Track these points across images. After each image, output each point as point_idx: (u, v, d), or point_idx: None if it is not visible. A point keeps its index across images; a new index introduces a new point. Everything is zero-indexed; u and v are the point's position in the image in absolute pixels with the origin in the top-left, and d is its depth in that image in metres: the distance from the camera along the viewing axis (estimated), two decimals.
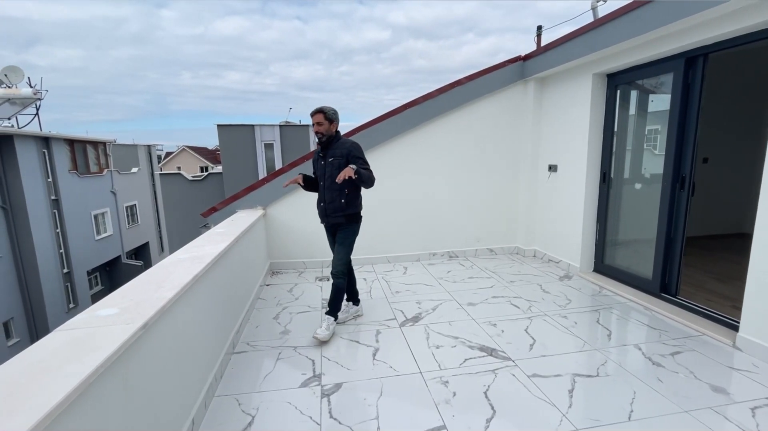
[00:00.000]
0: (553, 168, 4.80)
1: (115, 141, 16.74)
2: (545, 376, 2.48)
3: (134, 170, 18.09)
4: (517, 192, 5.29)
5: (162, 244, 20.17)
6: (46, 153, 12.18)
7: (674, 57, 3.29)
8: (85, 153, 14.42)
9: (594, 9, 4.68)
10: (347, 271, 3.18)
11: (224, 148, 18.50)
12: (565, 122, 4.53)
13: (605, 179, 4.19)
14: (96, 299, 14.01)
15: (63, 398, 1.08)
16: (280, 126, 18.81)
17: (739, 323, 2.78)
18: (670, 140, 3.37)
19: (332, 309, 3.12)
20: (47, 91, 12.94)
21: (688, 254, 3.72)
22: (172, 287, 1.93)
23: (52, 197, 12.30)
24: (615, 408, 2.16)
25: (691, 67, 3.21)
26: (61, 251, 12.58)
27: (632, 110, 4.00)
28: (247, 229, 3.61)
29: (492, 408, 2.18)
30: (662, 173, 3.47)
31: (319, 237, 4.53)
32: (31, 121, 12.80)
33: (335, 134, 3.09)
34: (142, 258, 18.00)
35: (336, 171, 3.00)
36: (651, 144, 3.85)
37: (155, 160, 20.08)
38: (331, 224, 3.19)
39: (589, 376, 2.48)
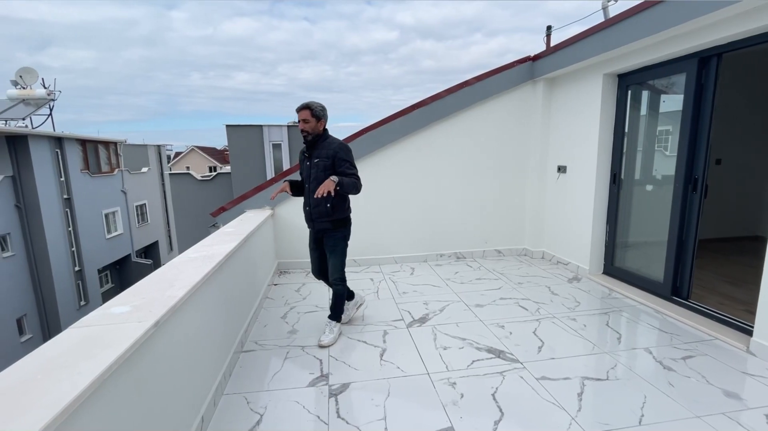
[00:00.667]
0: (562, 169, 4.76)
1: (126, 141, 16.96)
2: (554, 379, 2.46)
3: (144, 169, 18.32)
4: (526, 193, 5.26)
5: (171, 243, 20.39)
6: (59, 153, 12.39)
7: (687, 57, 3.25)
8: (97, 153, 14.64)
9: (605, 9, 4.63)
10: (344, 276, 3.04)
11: (233, 148, 18.65)
12: (575, 123, 4.49)
13: (615, 181, 4.15)
14: (106, 297, 14.22)
15: (77, 395, 1.09)
16: (288, 126, 18.90)
17: (752, 327, 2.74)
18: (683, 141, 3.32)
19: (335, 314, 3.09)
20: (60, 92, 13.20)
21: (701, 257, 3.66)
22: (183, 286, 1.96)
23: (65, 196, 12.50)
24: (625, 412, 2.13)
25: (705, 68, 3.16)
26: (73, 249, 12.78)
27: (643, 110, 3.95)
28: (255, 229, 3.63)
29: (500, 411, 2.17)
30: (674, 175, 3.42)
31: None
32: (45, 121, 13.06)
33: (323, 132, 2.88)
34: (151, 257, 18.22)
35: (321, 173, 2.81)
36: (662, 145, 3.80)
37: (165, 160, 20.32)
38: (317, 230, 2.98)
39: (598, 379, 2.45)
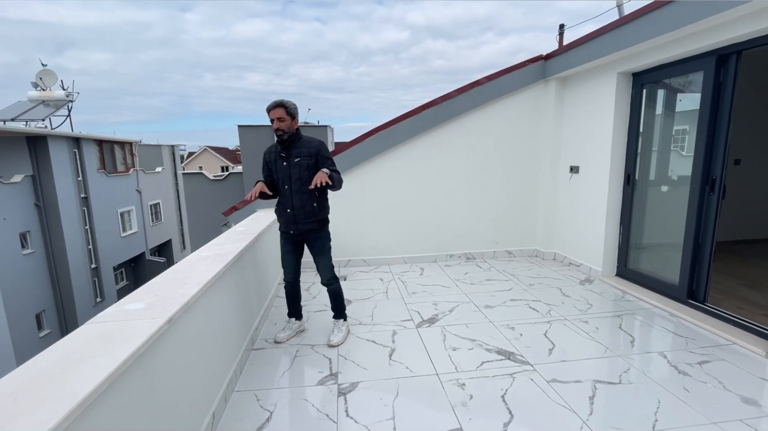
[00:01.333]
0: (574, 169, 4.70)
1: (141, 141, 17.31)
2: (565, 382, 2.43)
3: (158, 169, 18.66)
4: (537, 194, 5.20)
5: (184, 241, 20.72)
6: (77, 153, 12.69)
7: (705, 55, 3.17)
8: (113, 153, 14.96)
9: (619, 6, 4.55)
10: (335, 273, 3.04)
11: (245, 148, 18.80)
12: (588, 122, 4.42)
13: (629, 181, 4.08)
14: (121, 294, 14.51)
15: (93, 389, 1.12)
16: (299, 126, 19.01)
17: None
18: (700, 141, 3.25)
19: (340, 313, 3.11)
20: (78, 93, 13.55)
21: (718, 260, 3.57)
22: (196, 283, 1.99)
23: (82, 195, 12.81)
24: (638, 417, 2.10)
25: (723, 65, 3.09)
26: (89, 247, 13.08)
27: (659, 109, 3.88)
28: (266, 228, 3.67)
29: (510, 413, 2.15)
30: (690, 175, 3.35)
31: (337, 236, 4.57)
32: (64, 122, 13.43)
33: (296, 131, 2.81)
34: (164, 255, 18.55)
35: (305, 172, 2.74)
36: (678, 145, 3.72)
37: (178, 160, 20.67)
38: (301, 232, 2.86)
39: (610, 383, 2.41)
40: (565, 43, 4.96)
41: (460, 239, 5.19)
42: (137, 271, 16.70)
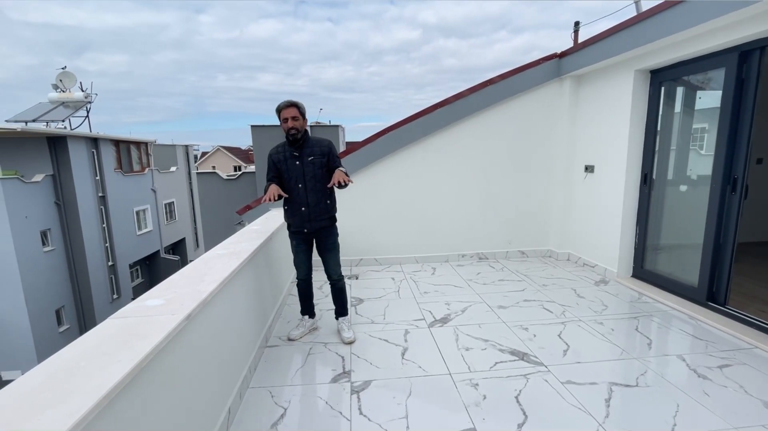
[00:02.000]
0: (589, 169, 4.63)
1: (156, 142, 17.62)
2: (580, 383, 2.40)
3: (173, 169, 18.98)
4: (551, 193, 5.14)
5: (197, 240, 21.06)
6: (95, 153, 13.01)
7: (726, 51, 3.09)
8: (129, 153, 15.28)
9: (637, 2, 4.46)
10: (341, 274, 3.14)
11: (257, 148, 19.02)
12: (604, 121, 4.35)
13: (646, 181, 4.00)
14: (137, 291, 14.82)
15: (118, 381, 1.15)
16: (311, 126, 19.16)
17: None
18: (721, 140, 3.17)
19: (345, 309, 3.18)
20: (96, 94, 13.88)
21: (739, 262, 3.48)
22: (212, 281, 2.02)
23: (100, 194, 13.12)
24: (656, 421, 2.06)
25: (746, 62, 3.00)
26: (106, 245, 13.39)
27: (677, 107, 3.79)
28: (280, 227, 3.70)
29: (523, 413, 2.14)
30: (711, 175, 3.27)
31: (349, 235, 4.59)
32: (82, 123, 13.76)
33: (306, 131, 2.86)
34: (178, 253, 18.88)
35: (319, 170, 2.82)
36: (698, 143, 3.63)
37: (192, 159, 21.00)
38: (315, 229, 2.92)
39: (627, 386, 2.37)
40: (580, 40, 4.88)
41: (472, 238, 5.16)
42: (152, 269, 17.03)
